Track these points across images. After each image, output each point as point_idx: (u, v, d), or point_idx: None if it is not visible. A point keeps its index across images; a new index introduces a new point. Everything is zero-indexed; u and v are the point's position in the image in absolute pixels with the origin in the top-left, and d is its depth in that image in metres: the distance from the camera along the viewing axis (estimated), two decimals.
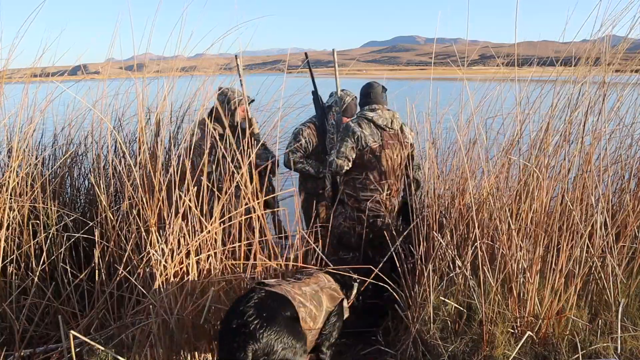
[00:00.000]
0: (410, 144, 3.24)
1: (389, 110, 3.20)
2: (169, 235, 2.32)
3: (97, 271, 2.55)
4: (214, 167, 2.74)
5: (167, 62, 3.63)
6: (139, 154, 2.87)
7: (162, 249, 2.28)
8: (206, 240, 2.36)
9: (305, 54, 3.65)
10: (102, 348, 2.18)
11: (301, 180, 3.72)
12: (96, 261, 2.52)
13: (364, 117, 3.12)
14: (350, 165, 3.09)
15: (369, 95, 3.20)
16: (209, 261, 2.36)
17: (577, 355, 2.26)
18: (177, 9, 3.22)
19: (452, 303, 2.59)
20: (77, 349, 2.21)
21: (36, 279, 2.55)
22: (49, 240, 2.76)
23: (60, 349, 2.29)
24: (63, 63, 3.66)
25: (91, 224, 2.81)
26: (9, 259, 2.64)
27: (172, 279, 2.29)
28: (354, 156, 3.07)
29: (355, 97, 3.49)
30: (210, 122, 3.01)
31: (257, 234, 2.47)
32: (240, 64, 3.29)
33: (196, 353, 2.35)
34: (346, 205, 3.20)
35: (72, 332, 1.97)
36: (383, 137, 3.10)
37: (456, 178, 3.18)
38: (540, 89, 3.15)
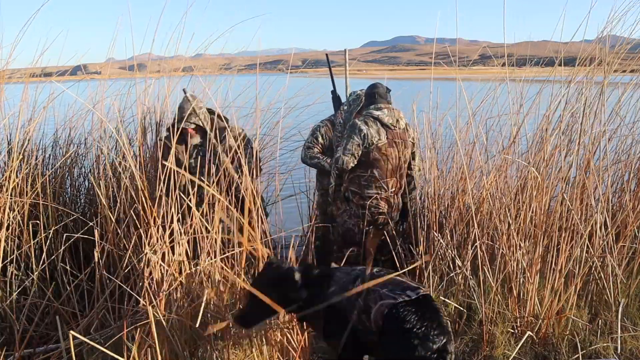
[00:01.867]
0: (413, 143, 3.26)
1: (394, 109, 3.22)
2: (168, 235, 2.32)
3: (97, 271, 2.55)
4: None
5: (167, 62, 3.63)
6: (139, 154, 2.87)
7: (162, 249, 2.28)
8: (206, 241, 2.36)
9: (326, 54, 3.62)
10: (102, 348, 2.18)
11: (318, 177, 3.76)
12: (96, 261, 2.52)
13: (370, 115, 3.14)
14: (355, 162, 3.11)
15: (374, 95, 3.23)
16: (208, 261, 2.36)
17: (577, 355, 2.25)
18: (176, 9, 3.22)
19: (452, 303, 2.58)
20: (77, 349, 2.20)
21: (36, 279, 2.55)
22: (49, 240, 2.76)
23: (60, 349, 2.29)
24: (63, 63, 3.66)
25: (91, 224, 2.81)
26: (9, 259, 2.64)
27: (171, 279, 2.29)
28: (359, 153, 3.09)
29: None
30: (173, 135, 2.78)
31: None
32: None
33: (196, 353, 2.34)
34: (351, 203, 3.21)
35: (71, 332, 1.96)
36: (388, 135, 3.12)
37: (456, 178, 3.19)
38: (541, 89, 3.14)
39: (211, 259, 2.34)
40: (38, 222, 2.82)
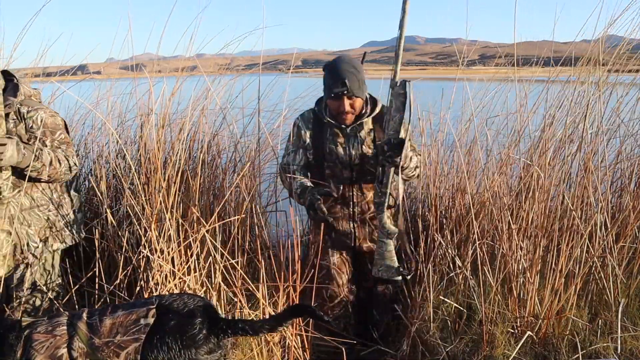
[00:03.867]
0: None
1: None
2: (167, 235, 2.32)
3: (97, 271, 2.56)
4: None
5: (167, 62, 3.63)
6: (140, 156, 2.87)
7: (162, 250, 2.28)
8: (206, 241, 2.36)
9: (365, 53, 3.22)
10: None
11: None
12: (97, 261, 2.53)
13: None
14: None
15: None
16: (208, 261, 2.36)
17: (577, 355, 2.26)
18: (176, 8, 3.22)
19: (452, 303, 2.59)
20: None
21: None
22: None
23: None
24: (64, 63, 3.67)
25: (91, 224, 2.81)
26: None
27: (171, 280, 2.30)
28: None
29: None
30: None
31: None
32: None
33: None
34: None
35: None
36: None
37: (456, 178, 3.19)
38: (549, 89, 3.14)
39: (212, 256, 2.34)
40: None
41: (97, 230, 2.66)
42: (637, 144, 3.25)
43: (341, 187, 2.48)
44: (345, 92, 2.32)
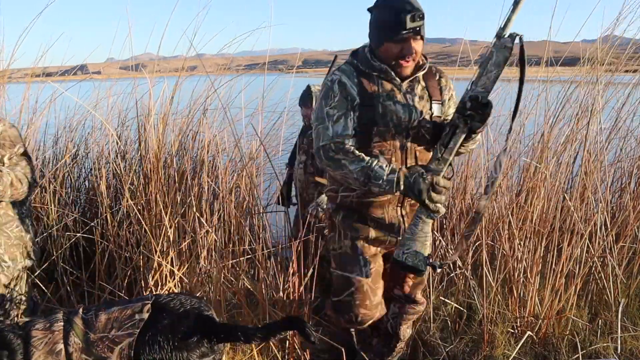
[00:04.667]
0: None
1: None
2: (167, 236, 2.32)
3: (97, 271, 2.56)
4: None
5: (167, 62, 3.63)
6: (140, 155, 2.88)
7: (162, 250, 2.28)
8: (205, 241, 2.36)
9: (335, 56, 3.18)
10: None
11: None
12: (97, 261, 2.53)
13: None
14: None
15: None
16: (208, 262, 2.37)
17: (577, 355, 2.25)
18: (176, 8, 3.22)
19: (452, 303, 2.59)
20: None
21: (36, 279, 2.55)
22: (49, 240, 2.76)
23: None
24: (64, 63, 3.67)
25: (91, 224, 2.81)
26: None
27: (171, 280, 2.30)
28: None
29: None
30: None
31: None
32: None
33: None
34: None
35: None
36: None
37: (457, 178, 3.19)
38: (550, 89, 3.14)
39: (212, 257, 2.35)
40: (38, 222, 2.82)
41: (97, 230, 2.66)
42: (637, 144, 3.25)
43: (392, 162, 1.82)
44: (420, 26, 1.74)
